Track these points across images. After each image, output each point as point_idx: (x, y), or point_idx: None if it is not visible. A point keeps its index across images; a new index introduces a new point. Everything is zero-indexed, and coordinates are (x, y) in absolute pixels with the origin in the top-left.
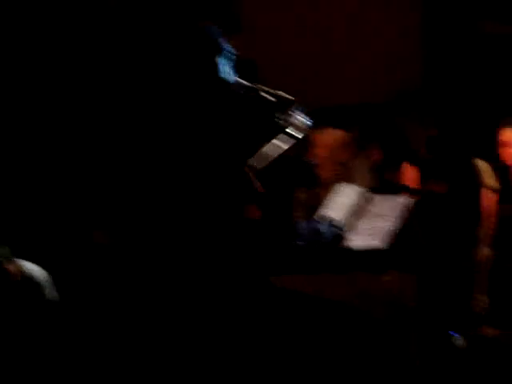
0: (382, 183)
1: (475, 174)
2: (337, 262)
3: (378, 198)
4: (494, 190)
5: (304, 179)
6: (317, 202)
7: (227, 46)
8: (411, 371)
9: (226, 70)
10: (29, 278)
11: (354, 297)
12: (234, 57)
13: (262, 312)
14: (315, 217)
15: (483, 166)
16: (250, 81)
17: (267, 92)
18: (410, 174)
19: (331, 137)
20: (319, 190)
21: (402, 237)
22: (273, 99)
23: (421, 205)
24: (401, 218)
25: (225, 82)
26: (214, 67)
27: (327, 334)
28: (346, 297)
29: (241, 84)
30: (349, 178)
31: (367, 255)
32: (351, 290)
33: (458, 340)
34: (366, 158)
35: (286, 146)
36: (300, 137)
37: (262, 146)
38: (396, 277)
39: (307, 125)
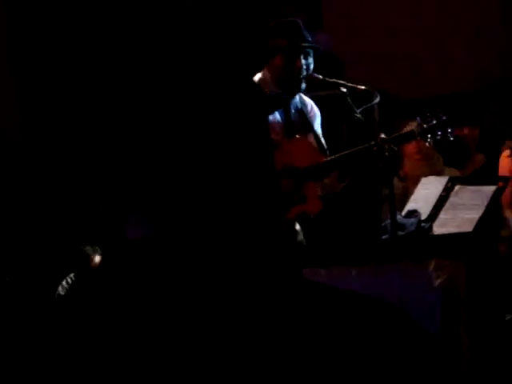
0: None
1: None
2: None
3: (462, 189)
4: None
5: (390, 173)
6: (403, 195)
7: (311, 41)
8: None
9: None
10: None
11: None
12: (317, 51)
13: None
14: (401, 211)
15: None
16: (333, 76)
17: (349, 87)
18: (506, 163)
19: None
20: (406, 184)
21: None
22: (346, 92)
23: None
24: (485, 207)
25: None
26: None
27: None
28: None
29: (321, 79)
30: (434, 170)
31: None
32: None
33: None
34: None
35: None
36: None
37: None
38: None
39: None
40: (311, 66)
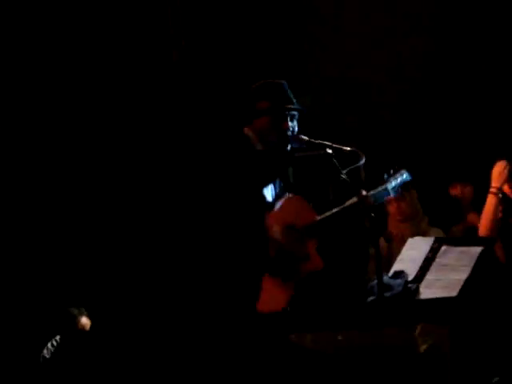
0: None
1: None
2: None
3: (448, 250)
4: None
5: (376, 233)
6: (389, 256)
7: (295, 102)
8: None
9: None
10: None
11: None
12: (302, 114)
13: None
14: (387, 272)
15: None
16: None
17: (335, 148)
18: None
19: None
20: (390, 244)
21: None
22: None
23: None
24: (472, 268)
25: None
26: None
27: None
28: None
29: (306, 140)
30: (419, 230)
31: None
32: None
33: None
34: None
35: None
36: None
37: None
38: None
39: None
40: (296, 128)
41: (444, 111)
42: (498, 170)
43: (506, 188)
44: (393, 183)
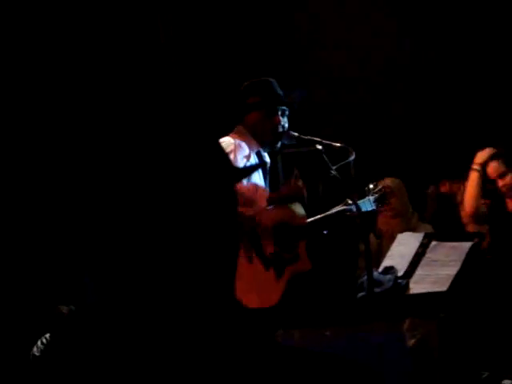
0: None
1: None
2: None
3: (438, 245)
4: None
5: (367, 230)
6: (379, 252)
7: (284, 97)
8: None
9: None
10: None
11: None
12: (292, 109)
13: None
14: (377, 268)
15: None
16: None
17: (325, 144)
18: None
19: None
20: (380, 240)
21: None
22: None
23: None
24: (461, 263)
25: None
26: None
27: None
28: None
29: (296, 136)
30: (409, 226)
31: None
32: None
33: None
34: None
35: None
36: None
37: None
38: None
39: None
40: (286, 124)
41: (433, 109)
42: (482, 151)
43: (499, 182)
44: (375, 196)
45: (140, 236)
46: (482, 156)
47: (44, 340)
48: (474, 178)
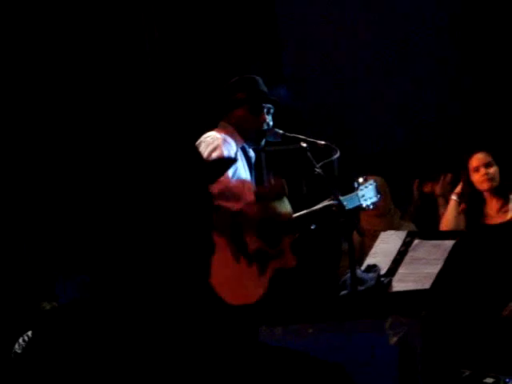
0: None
1: None
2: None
3: (421, 243)
4: None
5: (350, 228)
6: (360, 250)
7: (269, 94)
8: None
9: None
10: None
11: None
12: (277, 107)
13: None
14: (360, 266)
15: None
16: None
17: (309, 142)
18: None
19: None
20: (362, 238)
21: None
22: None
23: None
24: (444, 261)
25: None
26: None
27: None
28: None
29: (280, 133)
30: (391, 224)
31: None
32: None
33: None
34: None
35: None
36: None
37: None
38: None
39: None
40: (271, 122)
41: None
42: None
43: (481, 171)
44: (363, 191)
45: (114, 234)
46: (459, 186)
47: (26, 337)
48: (452, 205)
